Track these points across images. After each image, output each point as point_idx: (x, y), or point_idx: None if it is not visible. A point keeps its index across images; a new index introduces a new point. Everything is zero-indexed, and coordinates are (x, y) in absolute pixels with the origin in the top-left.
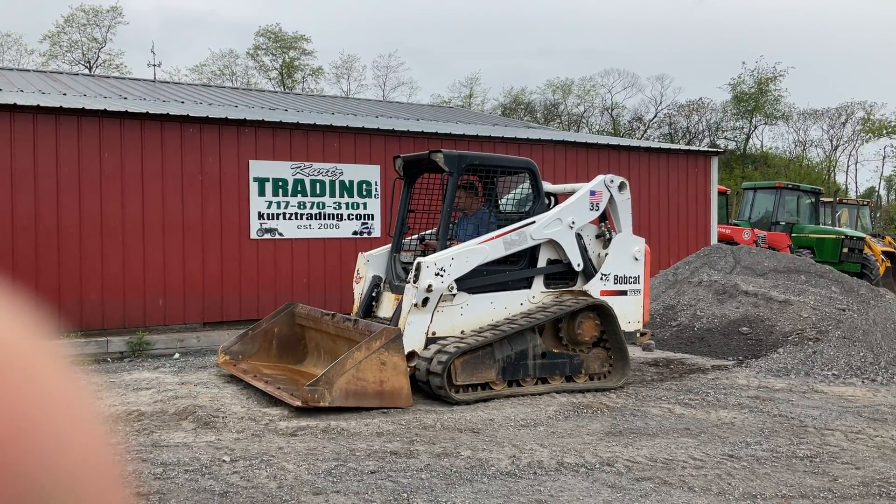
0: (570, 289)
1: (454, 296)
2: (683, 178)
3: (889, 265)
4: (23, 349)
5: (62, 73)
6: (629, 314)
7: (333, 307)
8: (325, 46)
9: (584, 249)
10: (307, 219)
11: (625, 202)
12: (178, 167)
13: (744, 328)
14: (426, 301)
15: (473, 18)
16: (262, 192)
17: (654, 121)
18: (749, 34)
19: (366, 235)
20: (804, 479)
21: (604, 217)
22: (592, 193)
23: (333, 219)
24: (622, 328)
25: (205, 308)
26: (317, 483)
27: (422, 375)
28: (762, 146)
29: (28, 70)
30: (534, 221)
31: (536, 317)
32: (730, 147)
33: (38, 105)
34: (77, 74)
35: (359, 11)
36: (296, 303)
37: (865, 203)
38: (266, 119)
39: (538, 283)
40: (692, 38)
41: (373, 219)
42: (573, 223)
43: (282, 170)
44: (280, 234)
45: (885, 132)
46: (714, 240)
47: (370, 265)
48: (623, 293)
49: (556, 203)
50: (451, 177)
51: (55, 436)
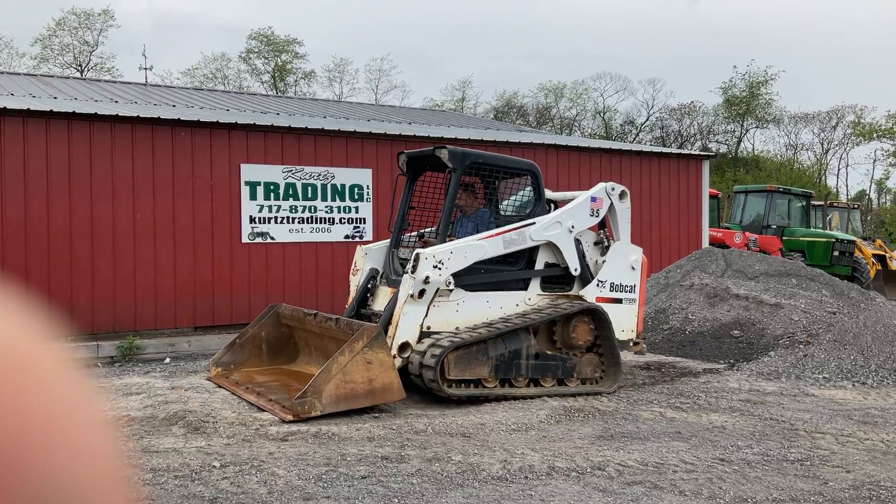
0: (567, 293)
1: (451, 291)
2: (675, 182)
3: (879, 268)
4: (29, 351)
5: (53, 77)
6: (623, 323)
7: (325, 311)
8: (318, 50)
9: (582, 255)
10: (299, 222)
11: (624, 211)
12: (169, 171)
13: (735, 331)
14: (423, 293)
15: (465, 22)
16: (254, 196)
17: (646, 124)
18: (740, 38)
19: (358, 239)
20: (795, 483)
21: (602, 225)
22: (593, 200)
23: (325, 223)
24: (616, 336)
25: (196, 312)
26: (307, 488)
27: (414, 368)
28: (753, 149)
29: (19, 73)
30: (534, 223)
31: (531, 317)
32: (721, 150)
33: (29, 109)
34: (68, 78)
35: (351, 15)
36: (279, 304)
37: (856, 206)
38: (258, 123)
39: (535, 286)
40: (684, 42)
41: (364, 222)
42: (573, 227)
43: (273, 173)
44: (271, 238)
45: (876, 135)
46: (705, 243)
47: (368, 258)
48: (618, 301)
49: (556, 210)
50: (454, 173)
51: (63, 438)
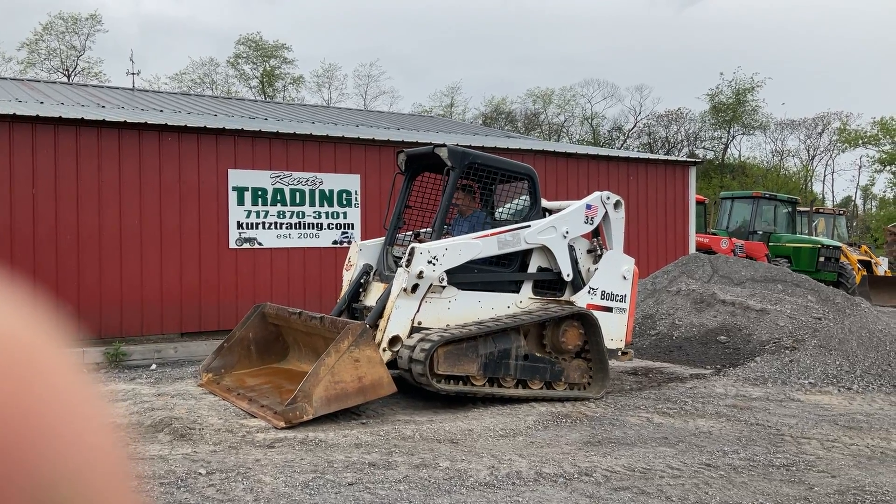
0: (558, 298)
1: (444, 288)
2: (662, 188)
3: (865, 274)
4: (33, 344)
5: (39, 82)
6: (612, 331)
7: None
8: (306, 55)
9: (575, 261)
10: (287, 228)
11: (618, 220)
12: (156, 176)
13: (721, 337)
14: (416, 287)
15: (454, 28)
16: (242, 202)
17: (634, 130)
18: (727, 45)
19: (346, 245)
20: (781, 488)
21: (596, 233)
22: (588, 207)
23: (313, 228)
24: (605, 344)
25: (183, 318)
26: (294, 496)
27: (404, 363)
28: (740, 156)
29: (5, 78)
30: (529, 226)
31: (522, 318)
32: (708, 157)
33: (14, 114)
34: (55, 83)
35: (340, 21)
36: (264, 303)
37: (842, 212)
38: (245, 128)
39: (527, 289)
40: (671, 49)
41: (353, 228)
42: (567, 233)
43: (261, 179)
44: (259, 244)
45: (861, 142)
46: (692, 249)
47: (362, 254)
48: (609, 310)
49: None
50: (453, 172)
51: (66, 431)
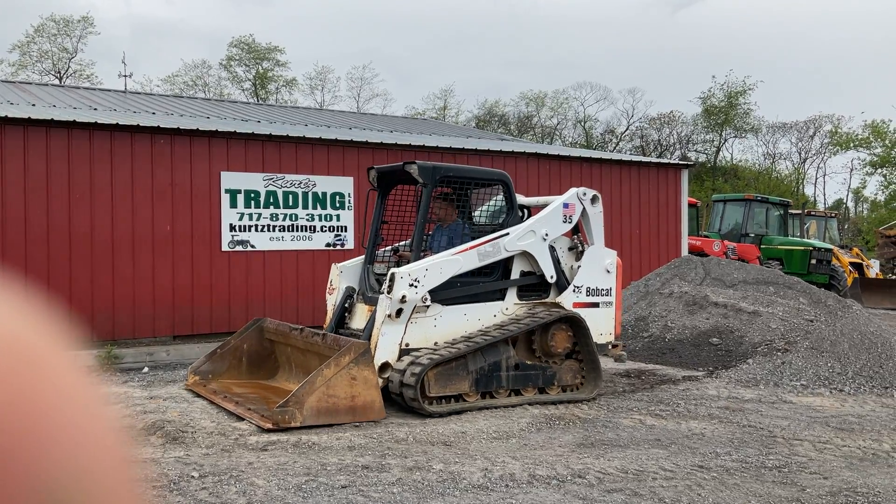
0: (544, 301)
1: (428, 307)
2: (654, 191)
3: (856, 276)
4: (37, 347)
5: (31, 84)
6: (601, 326)
7: (306, 320)
8: (299, 58)
9: (557, 261)
10: (280, 230)
11: (597, 215)
12: (149, 179)
13: (714, 339)
14: (400, 312)
15: (448, 30)
16: (234, 204)
17: (626, 133)
18: (719, 48)
19: (339, 247)
20: (773, 490)
21: (576, 230)
22: (565, 206)
23: (306, 231)
24: (594, 340)
25: (175, 321)
26: (287, 498)
27: (395, 387)
28: (732, 159)
29: None
30: (508, 233)
31: (510, 328)
32: (700, 160)
33: (6, 116)
34: (47, 85)
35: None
36: (264, 317)
37: (833, 215)
38: (238, 130)
39: (511, 295)
40: (663, 53)
41: (346, 231)
42: (546, 235)
43: (254, 181)
44: (252, 247)
45: (853, 145)
46: (685, 251)
47: (343, 276)
48: (595, 305)
49: (530, 216)
50: (425, 188)
51: (71, 430)
